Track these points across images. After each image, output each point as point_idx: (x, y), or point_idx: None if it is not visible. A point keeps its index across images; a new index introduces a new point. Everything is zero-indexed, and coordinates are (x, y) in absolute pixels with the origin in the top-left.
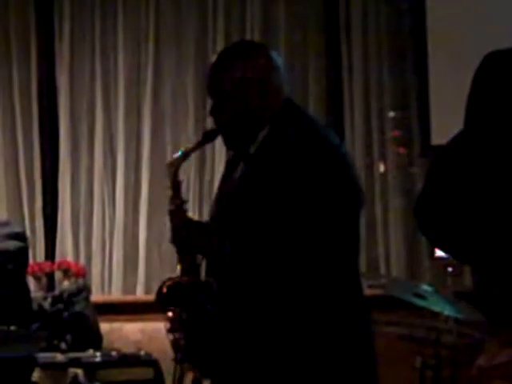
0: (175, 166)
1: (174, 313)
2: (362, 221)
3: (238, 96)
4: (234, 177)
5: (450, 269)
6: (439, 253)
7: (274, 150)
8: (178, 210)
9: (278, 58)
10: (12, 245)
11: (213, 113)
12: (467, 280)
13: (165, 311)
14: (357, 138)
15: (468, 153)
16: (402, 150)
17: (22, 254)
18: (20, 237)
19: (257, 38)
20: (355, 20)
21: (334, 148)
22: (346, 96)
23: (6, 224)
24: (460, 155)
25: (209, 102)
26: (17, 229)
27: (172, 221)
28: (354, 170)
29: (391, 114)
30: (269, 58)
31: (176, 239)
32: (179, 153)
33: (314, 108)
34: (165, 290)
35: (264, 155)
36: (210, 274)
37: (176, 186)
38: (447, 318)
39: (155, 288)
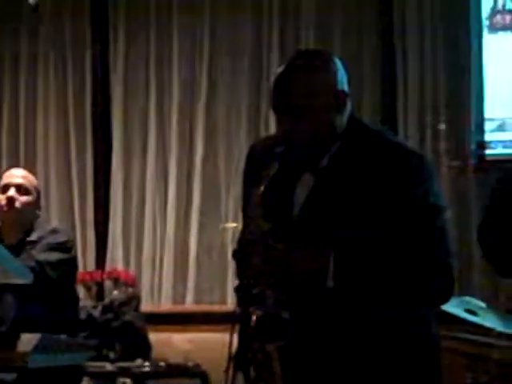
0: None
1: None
2: None
3: (321, 109)
4: (298, 189)
5: None
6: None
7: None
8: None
9: (346, 69)
10: (53, 256)
11: (292, 128)
12: None
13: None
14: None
15: None
16: (455, 163)
17: (65, 264)
18: (63, 246)
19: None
20: (410, 27)
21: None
22: (400, 108)
23: (53, 232)
24: None
25: (263, 115)
26: (61, 238)
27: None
28: None
29: (444, 125)
30: (342, 68)
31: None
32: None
33: (367, 120)
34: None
35: (346, 168)
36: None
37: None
38: (499, 334)
39: (204, 298)
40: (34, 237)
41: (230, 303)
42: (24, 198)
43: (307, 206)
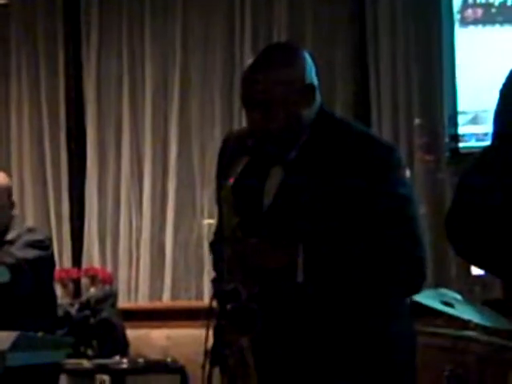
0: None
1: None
2: None
3: (290, 102)
4: (267, 183)
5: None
6: (476, 271)
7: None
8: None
9: (313, 61)
10: (31, 253)
11: (261, 122)
12: (495, 288)
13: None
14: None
15: (499, 166)
16: (429, 157)
17: (42, 261)
18: (41, 244)
19: None
20: (383, 27)
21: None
22: (374, 103)
23: (29, 231)
24: (490, 168)
25: (236, 111)
26: (39, 236)
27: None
28: None
29: (418, 120)
30: (311, 61)
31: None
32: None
33: (341, 114)
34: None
35: (315, 160)
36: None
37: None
38: (475, 326)
39: (181, 295)
40: (10, 236)
41: (207, 299)
42: None
43: (277, 198)
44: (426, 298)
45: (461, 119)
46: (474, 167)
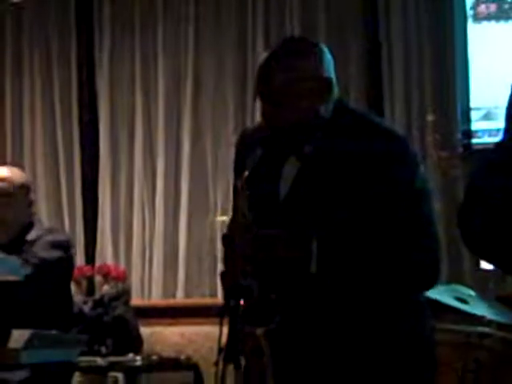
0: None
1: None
2: None
3: (305, 95)
4: (283, 175)
5: None
6: (484, 265)
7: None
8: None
9: (331, 56)
10: (55, 254)
11: (276, 114)
12: (509, 284)
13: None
14: None
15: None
16: (442, 153)
17: (64, 262)
18: (63, 245)
19: None
20: (396, 21)
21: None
22: (387, 99)
23: (50, 231)
24: (502, 164)
25: (249, 109)
26: (61, 237)
27: (243, 238)
28: None
29: (431, 116)
30: (328, 55)
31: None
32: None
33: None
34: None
35: (332, 152)
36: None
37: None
38: (489, 322)
39: (195, 292)
40: (32, 236)
41: (221, 296)
42: (8, 205)
43: (293, 191)
44: (439, 293)
45: (474, 115)
46: (486, 163)
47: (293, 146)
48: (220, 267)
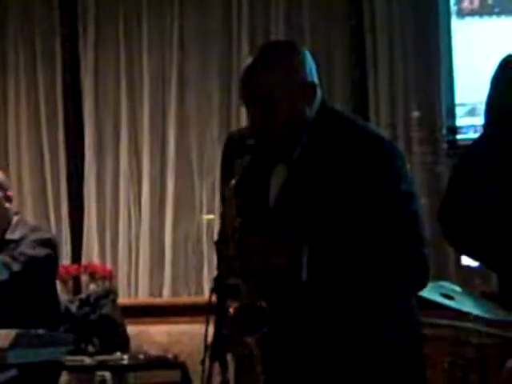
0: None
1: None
2: None
3: (290, 100)
4: (272, 182)
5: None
6: (465, 261)
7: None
8: (238, 231)
9: (313, 59)
10: (42, 252)
11: (262, 121)
12: (494, 280)
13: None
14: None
15: (491, 157)
16: (426, 148)
17: (50, 260)
18: (49, 243)
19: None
20: (380, 17)
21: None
22: (371, 96)
23: (35, 229)
24: (483, 160)
25: (234, 106)
26: (47, 235)
27: (238, 245)
28: None
29: (415, 112)
30: (310, 59)
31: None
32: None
33: (339, 107)
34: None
35: (318, 157)
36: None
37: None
38: (475, 318)
39: (181, 290)
40: (16, 235)
41: (207, 294)
42: None
43: (281, 197)
44: (426, 290)
45: (458, 111)
46: (466, 159)
47: (281, 152)
48: (206, 266)
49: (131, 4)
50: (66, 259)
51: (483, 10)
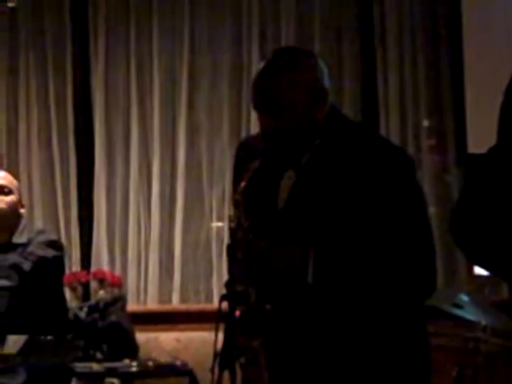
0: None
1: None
2: None
3: (301, 106)
4: (281, 185)
5: None
6: (478, 270)
7: (345, 158)
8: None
9: (324, 65)
10: (50, 253)
11: (273, 126)
12: (505, 290)
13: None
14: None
15: (504, 167)
16: (437, 158)
17: (58, 262)
18: (56, 245)
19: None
20: (390, 26)
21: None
22: (382, 104)
23: (41, 232)
24: (495, 170)
25: (244, 111)
26: (53, 237)
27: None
28: None
29: (426, 122)
30: (321, 65)
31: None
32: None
33: (348, 114)
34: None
35: (327, 163)
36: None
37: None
38: (485, 327)
39: (191, 297)
40: (23, 238)
41: (216, 301)
42: (9, 198)
43: (290, 200)
44: (436, 299)
45: None
46: (479, 169)
47: (291, 157)
48: (216, 273)
49: (142, 8)
50: (75, 266)
51: None
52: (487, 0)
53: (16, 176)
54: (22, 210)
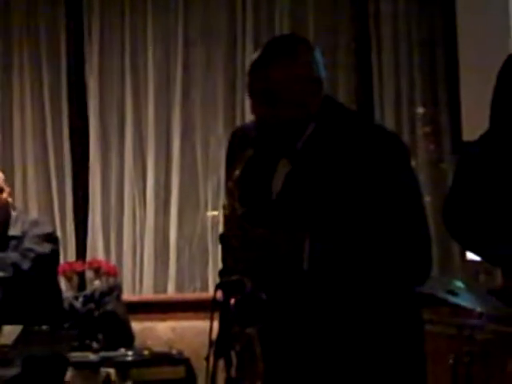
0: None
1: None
2: None
3: (296, 95)
4: (275, 173)
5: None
6: (470, 256)
7: (339, 144)
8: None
9: (320, 53)
10: (47, 247)
11: (268, 114)
12: (499, 277)
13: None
14: None
15: (495, 154)
16: (432, 146)
17: (55, 255)
18: (52, 238)
19: None
20: (384, 16)
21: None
22: (376, 92)
23: (35, 223)
24: (487, 157)
25: (239, 103)
26: (48, 229)
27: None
28: None
29: (421, 109)
30: (317, 54)
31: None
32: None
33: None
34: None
35: (322, 150)
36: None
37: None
38: (480, 314)
39: (186, 286)
40: (16, 231)
41: (212, 290)
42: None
43: (284, 188)
44: (431, 286)
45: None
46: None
47: (284, 145)
48: (211, 262)
49: (136, 1)
50: (70, 255)
51: None
52: None
53: (11, 168)
54: (10, 199)
